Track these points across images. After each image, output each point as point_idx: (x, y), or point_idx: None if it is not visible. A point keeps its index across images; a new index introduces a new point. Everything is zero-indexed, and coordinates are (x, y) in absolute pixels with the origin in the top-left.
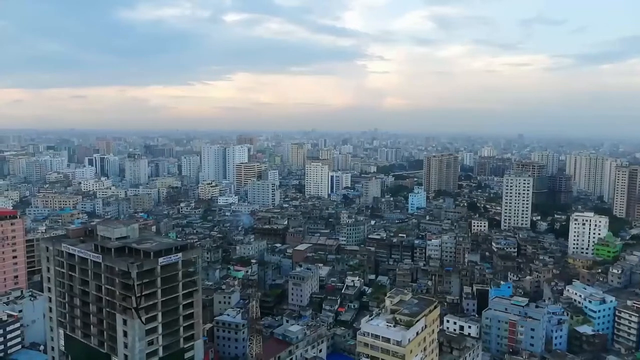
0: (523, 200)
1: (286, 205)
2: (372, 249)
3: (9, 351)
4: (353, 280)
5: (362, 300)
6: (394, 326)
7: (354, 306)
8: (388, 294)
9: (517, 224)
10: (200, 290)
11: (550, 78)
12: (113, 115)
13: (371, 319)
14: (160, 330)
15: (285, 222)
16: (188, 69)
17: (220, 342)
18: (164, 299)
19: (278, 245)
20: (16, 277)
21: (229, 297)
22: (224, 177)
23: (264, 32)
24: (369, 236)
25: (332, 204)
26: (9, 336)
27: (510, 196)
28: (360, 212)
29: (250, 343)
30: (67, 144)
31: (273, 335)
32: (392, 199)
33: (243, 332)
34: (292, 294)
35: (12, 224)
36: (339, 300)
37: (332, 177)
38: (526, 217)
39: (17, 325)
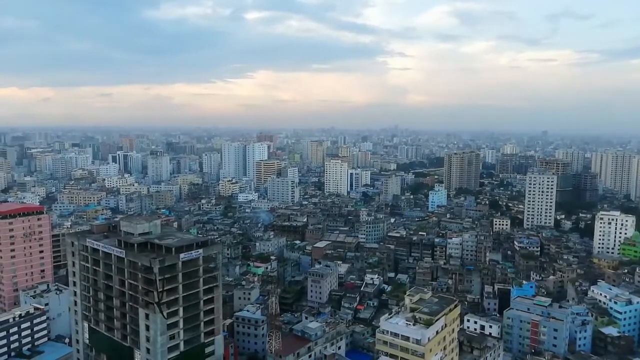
0: (546, 199)
1: (305, 203)
2: (392, 246)
3: (35, 343)
4: (372, 278)
5: (381, 298)
6: (414, 325)
7: (373, 304)
8: (408, 292)
9: (541, 222)
10: (220, 285)
11: (577, 74)
12: (137, 113)
13: (390, 317)
14: (181, 324)
15: (305, 219)
16: (210, 67)
17: (240, 337)
18: (185, 294)
19: (297, 242)
20: (42, 271)
21: (249, 293)
22: (244, 174)
23: (286, 30)
24: (389, 234)
25: (351, 202)
26: (35, 329)
27: (534, 194)
28: (379, 210)
29: (270, 339)
30: (92, 141)
31: (292, 332)
32: (412, 196)
33: (262, 328)
34: (311, 291)
35: (38, 220)
36: (358, 298)
37: (351, 174)
38: (550, 216)
39: (44, 318)
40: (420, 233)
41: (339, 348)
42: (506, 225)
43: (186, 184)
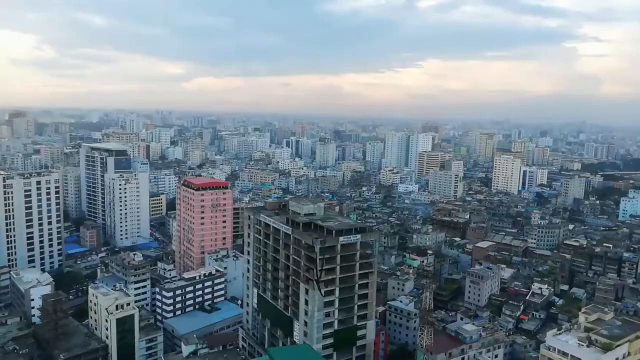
0: None
1: (469, 199)
2: (568, 256)
3: (215, 300)
4: (541, 288)
5: (549, 311)
6: (588, 346)
7: (539, 316)
8: (583, 310)
9: None
10: (375, 272)
11: None
12: (310, 101)
13: (559, 334)
14: (336, 304)
15: (467, 216)
16: (380, 56)
17: (392, 327)
18: (341, 275)
19: (457, 239)
20: (224, 238)
21: (403, 284)
22: (405, 164)
23: (460, 16)
24: (565, 241)
25: (522, 202)
26: (215, 288)
27: None
28: (555, 214)
29: (421, 333)
30: (270, 127)
31: (445, 330)
32: (598, 202)
33: (415, 321)
34: (469, 292)
35: (224, 194)
36: (522, 307)
37: (524, 172)
38: None
39: (222, 279)
40: (605, 244)
41: (496, 357)
42: None
43: (349, 171)
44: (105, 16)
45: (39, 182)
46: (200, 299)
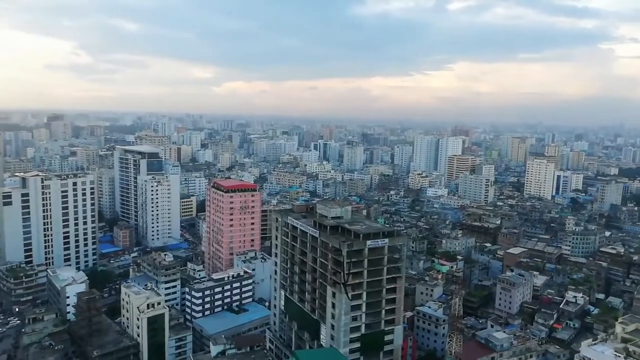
0: None
1: (500, 204)
2: (604, 264)
3: (243, 301)
4: (575, 297)
5: (584, 320)
6: (625, 358)
7: (573, 325)
8: (620, 319)
9: None
10: (403, 277)
11: None
12: (338, 105)
13: (595, 344)
14: (364, 308)
15: (498, 222)
16: (409, 59)
17: (420, 332)
18: (369, 279)
19: (488, 245)
20: (252, 240)
21: (432, 290)
22: (434, 168)
23: (491, 18)
24: (601, 249)
25: (555, 207)
26: (243, 289)
27: None
28: (591, 220)
29: (450, 340)
30: (298, 130)
31: (475, 338)
32: (636, 208)
33: (443, 327)
34: (500, 299)
35: (252, 196)
36: (555, 316)
37: (558, 176)
38: None
39: (250, 281)
40: None
41: None
42: None
43: (377, 174)
44: (138, 22)
45: (75, 184)
46: (228, 299)
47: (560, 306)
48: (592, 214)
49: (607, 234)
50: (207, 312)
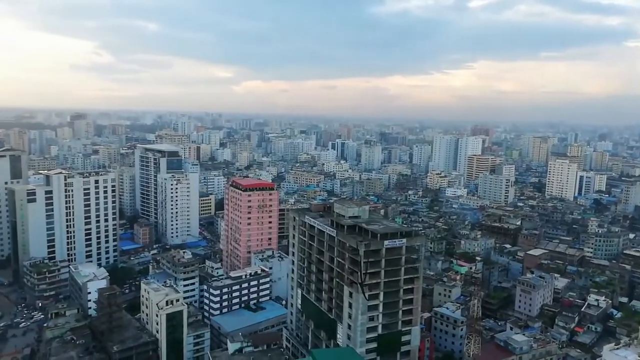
0: None
1: (521, 204)
2: (628, 267)
3: (260, 299)
4: (597, 300)
5: (606, 324)
6: None
7: (595, 329)
8: None
9: None
10: (421, 278)
11: None
12: (356, 104)
13: (617, 348)
14: (381, 308)
15: (518, 223)
16: (428, 58)
17: (437, 333)
18: (386, 280)
19: (507, 246)
20: (270, 239)
21: (450, 291)
22: (454, 168)
23: (513, 16)
24: (625, 251)
25: (578, 209)
26: (261, 287)
27: None
28: (615, 222)
29: (468, 342)
30: (316, 129)
31: (494, 340)
32: None
33: (461, 329)
34: (520, 301)
35: (270, 195)
36: (576, 319)
37: (581, 177)
38: None
39: (268, 279)
40: None
41: None
42: None
43: (395, 174)
44: (159, 23)
45: (97, 181)
46: (246, 297)
47: (582, 309)
48: (616, 215)
49: (631, 236)
50: (224, 310)
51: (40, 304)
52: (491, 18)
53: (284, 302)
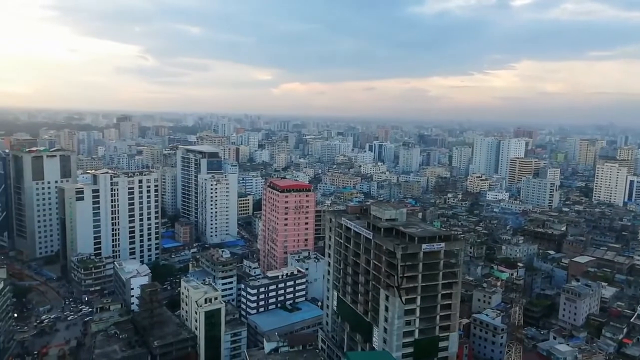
0: None
1: (566, 209)
2: None
3: (296, 300)
4: None
5: None
6: None
7: None
8: None
9: None
10: (460, 283)
11: None
12: (394, 105)
13: None
14: (418, 313)
15: (563, 228)
16: (469, 59)
17: (476, 340)
18: (424, 284)
19: (551, 252)
20: (306, 240)
21: (490, 297)
22: (495, 171)
23: (559, 14)
24: None
25: (628, 215)
26: (297, 287)
27: None
28: None
29: (509, 350)
30: (353, 131)
31: (536, 349)
32: None
33: (502, 337)
34: (564, 310)
35: (307, 196)
36: (625, 330)
37: (631, 181)
38: None
39: (304, 280)
40: None
41: None
42: None
43: (434, 177)
44: (202, 26)
45: (140, 181)
46: (282, 297)
47: (631, 320)
48: None
49: None
50: (261, 309)
51: (86, 298)
52: (535, 17)
53: (319, 303)
